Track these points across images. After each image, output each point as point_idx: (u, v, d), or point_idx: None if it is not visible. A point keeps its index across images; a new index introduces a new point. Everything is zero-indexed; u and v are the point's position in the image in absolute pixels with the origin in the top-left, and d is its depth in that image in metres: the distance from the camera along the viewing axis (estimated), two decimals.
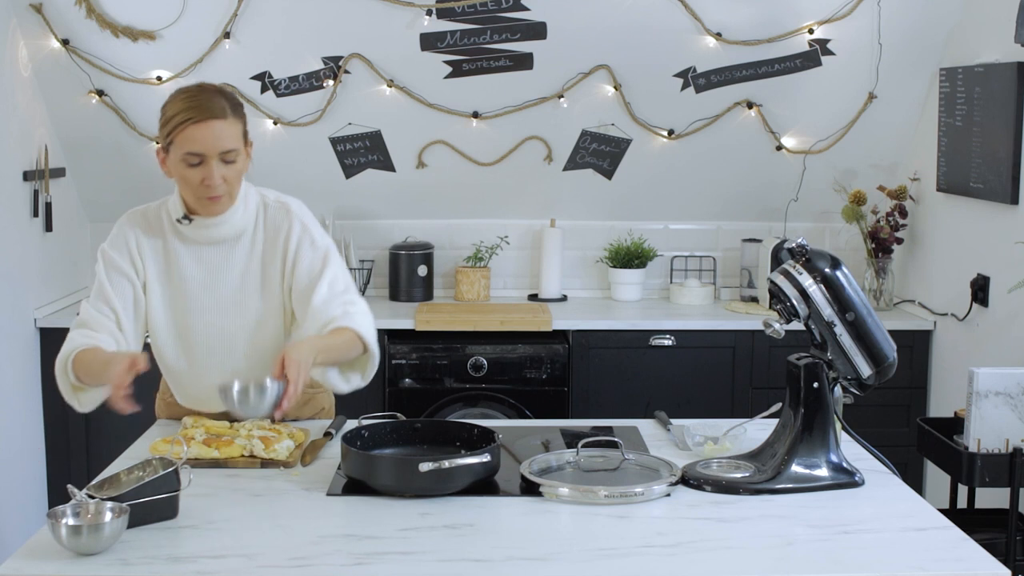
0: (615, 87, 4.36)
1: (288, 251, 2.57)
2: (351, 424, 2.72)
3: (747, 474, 2.30)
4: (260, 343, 2.58)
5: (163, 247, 2.56)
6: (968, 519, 2.95)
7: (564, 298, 4.69)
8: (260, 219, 2.60)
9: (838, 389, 2.35)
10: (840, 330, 2.25)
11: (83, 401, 2.53)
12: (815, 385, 2.29)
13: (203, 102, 2.42)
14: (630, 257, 4.61)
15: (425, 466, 2.14)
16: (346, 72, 4.30)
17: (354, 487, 2.24)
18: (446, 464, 2.16)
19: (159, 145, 2.50)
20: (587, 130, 4.47)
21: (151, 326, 2.58)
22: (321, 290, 2.52)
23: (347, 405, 3.46)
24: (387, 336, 4.24)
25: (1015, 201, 3.64)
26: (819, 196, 4.61)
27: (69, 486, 2.01)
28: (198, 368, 2.60)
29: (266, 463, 2.38)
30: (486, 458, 2.21)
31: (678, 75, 4.32)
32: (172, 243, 2.56)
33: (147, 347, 2.55)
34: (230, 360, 2.57)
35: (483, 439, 2.38)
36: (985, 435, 2.82)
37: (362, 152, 4.51)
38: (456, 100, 4.38)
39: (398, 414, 2.62)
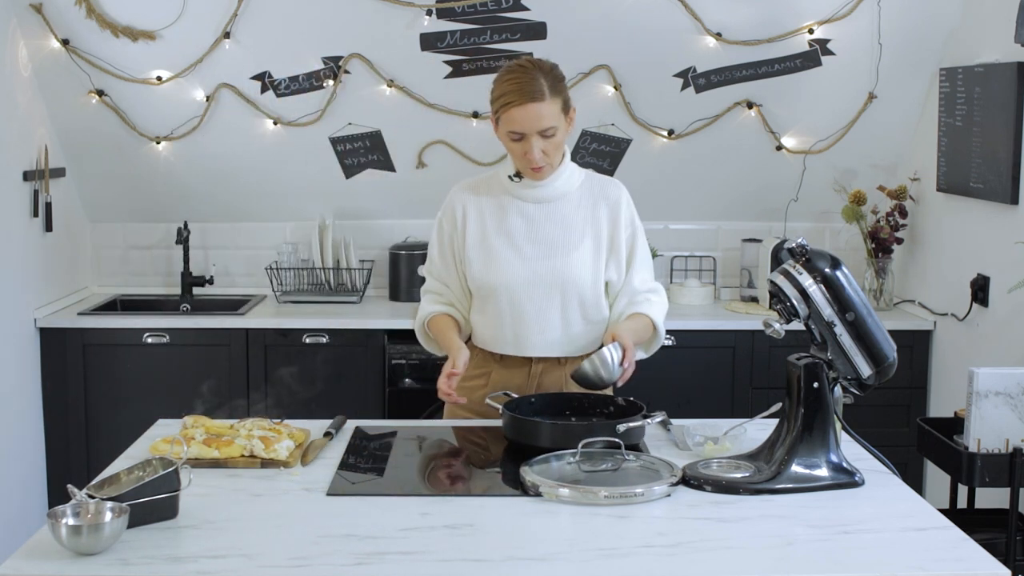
0: (615, 87, 4.36)
1: (618, 217, 2.82)
2: (352, 424, 2.72)
3: (747, 474, 2.29)
4: (572, 285, 2.78)
5: (494, 203, 2.82)
6: (968, 519, 2.95)
7: None
8: (585, 185, 2.84)
9: (838, 389, 2.35)
10: (840, 330, 2.25)
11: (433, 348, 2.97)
12: (815, 385, 2.29)
13: (524, 85, 2.64)
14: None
15: (622, 426, 2.42)
16: (346, 72, 4.30)
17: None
18: (635, 424, 2.46)
19: (492, 115, 2.75)
20: (587, 130, 4.47)
21: (478, 277, 2.81)
22: (641, 273, 2.86)
23: (346, 404, 3.46)
24: (386, 336, 4.24)
25: (1015, 201, 3.64)
26: (819, 196, 4.61)
27: (69, 486, 2.00)
28: (517, 310, 2.79)
29: (266, 463, 2.38)
30: (662, 416, 2.60)
31: (678, 75, 4.32)
32: (503, 199, 2.82)
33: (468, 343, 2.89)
34: (547, 302, 2.78)
35: (631, 409, 2.61)
36: (985, 435, 2.82)
37: (362, 152, 4.51)
38: (456, 100, 4.38)
39: (511, 393, 2.75)
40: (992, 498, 3.26)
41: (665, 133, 4.48)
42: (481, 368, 2.87)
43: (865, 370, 2.28)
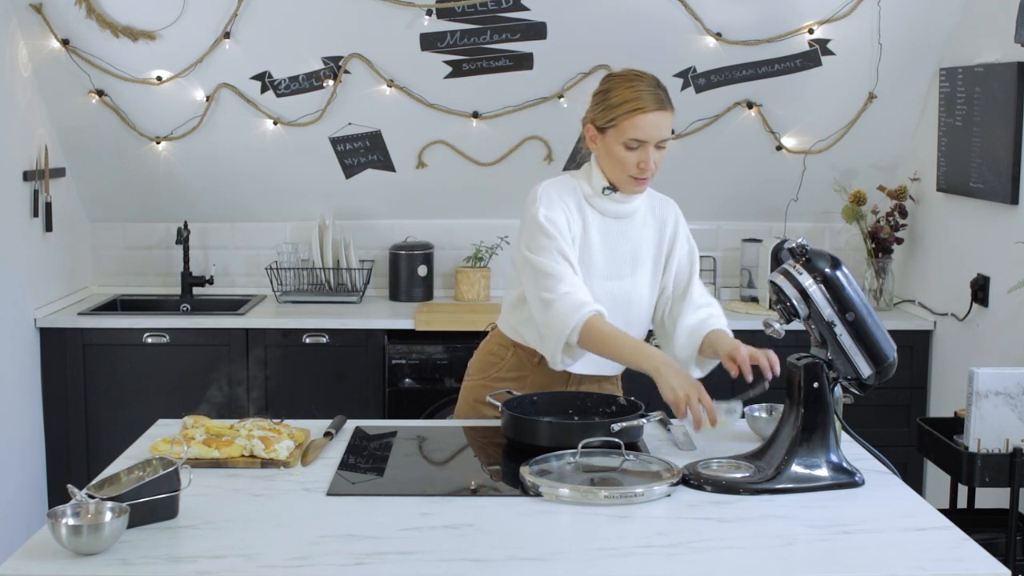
0: None
1: (676, 237, 2.81)
2: (352, 424, 2.72)
3: (747, 474, 2.30)
4: (635, 307, 2.76)
5: (577, 212, 2.72)
6: (968, 519, 2.96)
7: None
8: (647, 203, 2.80)
9: (838, 389, 2.35)
10: (840, 330, 2.25)
11: (571, 361, 2.69)
12: (815, 385, 2.29)
13: (649, 93, 2.62)
14: None
15: (616, 426, 2.41)
16: (346, 72, 4.30)
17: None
18: (631, 423, 2.44)
19: (591, 122, 2.67)
20: None
21: None
22: (698, 286, 2.82)
23: (346, 404, 3.46)
24: (387, 336, 4.24)
25: (1015, 201, 3.64)
26: (819, 196, 4.62)
27: (69, 486, 2.00)
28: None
29: (266, 463, 2.38)
30: (660, 415, 2.59)
31: (678, 75, 4.32)
32: (584, 209, 2.72)
33: None
34: (612, 319, 2.66)
35: (631, 408, 2.59)
36: (985, 435, 2.82)
37: (362, 152, 4.51)
38: (456, 100, 4.38)
39: (513, 391, 2.72)
40: (992, 498, 3.26)
41: None
42: (516, 372, 2.80)
43: (865, 370, 2.28)
